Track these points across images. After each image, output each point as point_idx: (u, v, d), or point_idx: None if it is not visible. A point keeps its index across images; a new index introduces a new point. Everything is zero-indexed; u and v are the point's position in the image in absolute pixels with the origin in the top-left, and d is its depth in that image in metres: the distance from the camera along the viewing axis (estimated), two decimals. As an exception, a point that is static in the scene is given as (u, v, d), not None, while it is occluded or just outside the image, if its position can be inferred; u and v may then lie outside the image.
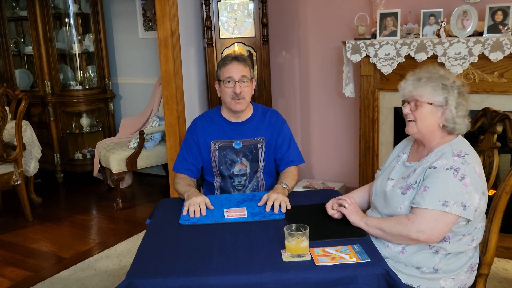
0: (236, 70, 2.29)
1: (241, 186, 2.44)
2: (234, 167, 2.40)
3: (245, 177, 2.43)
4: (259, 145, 2.40)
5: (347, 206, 1.82)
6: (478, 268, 1.82)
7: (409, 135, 1.92)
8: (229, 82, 2.29)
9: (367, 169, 3.53)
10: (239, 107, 2.33)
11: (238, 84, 2.28)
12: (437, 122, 1.76)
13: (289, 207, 2.04)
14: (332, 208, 1.89)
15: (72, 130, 5.09)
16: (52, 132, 5.01)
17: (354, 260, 1.57)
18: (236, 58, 2.33)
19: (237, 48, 3.78)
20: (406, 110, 1.80)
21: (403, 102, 1.84)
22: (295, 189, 3.79)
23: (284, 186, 2.20)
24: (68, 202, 4.63)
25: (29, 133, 4.26)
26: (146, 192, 4.88)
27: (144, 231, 2.05)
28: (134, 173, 4.98)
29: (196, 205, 2.03)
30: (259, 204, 2.08)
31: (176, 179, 2.37)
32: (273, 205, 2.03)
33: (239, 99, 2.30)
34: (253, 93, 2.39)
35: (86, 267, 3.18)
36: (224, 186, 2.45)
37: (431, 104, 1.74)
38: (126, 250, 3.41)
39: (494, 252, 1.79)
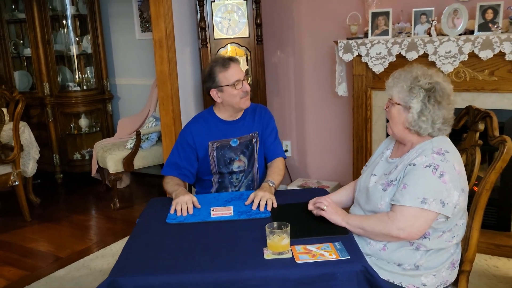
0: (238, 71, 2.34)
1: (237, 181, 2.48)
2: (232, 165, 2.43)
3: (242, 173, 2.47)
4: (254, 140, 2.46)
5: (325, 209, 1.84)
6: (460, 265, 1.83)
7: None
8: (238, 84, 2.30)
9: (360, 167, 3.53)
10: (248, 102, 2.38)
11: (245, 83, 2.33)
12: (401, 122, 1.78)
13: (275, 205, 2.07)
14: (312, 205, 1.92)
15: (70, 131, 5.13)
16: (51, 133, 5.06)
17: (333, 257, 1.59)
18: (231, 58, 2.36)
19: (230, 49, 3.81)
20: (384, 107, 1.84)
21: None
22: (290, 188, 3.84)
23: (271, 185, 2.23)
24: (67, 202, 4.68)
25: (27, 134, 4.31)
26: (144, 192, 4.91)
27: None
28: (132, 173, 5.01)
29: (183, 204, 2.06)
30: (246, 203, 2.11)
31: (165, 178, 2.41)
32: (259, 204, 2.05)
33: (247, 96, 2.35)
34: None
35: (82, 266, 3.22)
36: (222, 182, 2.48)
37: (399, 104, 1.77)
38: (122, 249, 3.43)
39: (475, 249, 1.80)
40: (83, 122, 5.14)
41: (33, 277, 3.11)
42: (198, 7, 3.71)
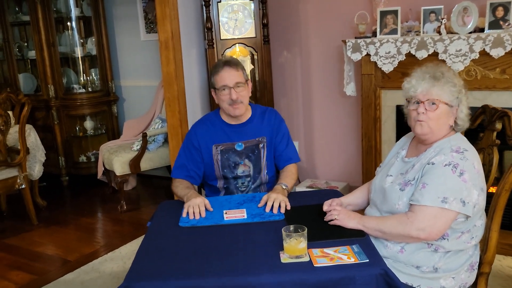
0: (229, 77, 2.27)
1: (244, 187, 2.44)
2: (237, 169, 2.40)
3: (249, 178, 2.43)
4: (261, 145, 2.41)
5: (337, 217, 1.81)
6: (479, 266, 1.80)
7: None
8: (224, 89, 2.28)
9: (370, 168, 3.51)
10: (238, 111, 2.33)
11: (234, 90, 2.27)
12: (448, 122, 1.75)
13: (288, 207, 2.04)
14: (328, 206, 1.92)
15: (76, 133, 5.12)
16: (56, 135, 5.04)
17: (352, 260, 1.56)
18: (227, 63, 2.30)
19: (238, 49, 3.78)
20: (421, 109, 1.74)
21: (408, 100, 1.80)
22: (298, 189, 3.81)
23: (284, 187, 2.20)
24: (73, 205, 4.66)
25: (33, 137, 4.29)
26: (151, 194, 4.89)
27: (148, 233, 2.05)
28: (139, 175, 4.99)
29: (196, 206, 2.03)
30: (259, 205, 2.08)
31: (174, 182, 2.38)
32: (272, 206, 2.03)
33: (237, 104, 2.29)
34: (250, 94, 2.39)
35: (91, 269, 3.20)
36: (228, 188, 2.45)
37: (446, 104, 1.73)
38: (131, 252, 3.41)
39: (495, 251, 1.77)
40: (89, 124, 5.12)
41: (41, 281, 3.09)
42: (204, 7, 3.69)
